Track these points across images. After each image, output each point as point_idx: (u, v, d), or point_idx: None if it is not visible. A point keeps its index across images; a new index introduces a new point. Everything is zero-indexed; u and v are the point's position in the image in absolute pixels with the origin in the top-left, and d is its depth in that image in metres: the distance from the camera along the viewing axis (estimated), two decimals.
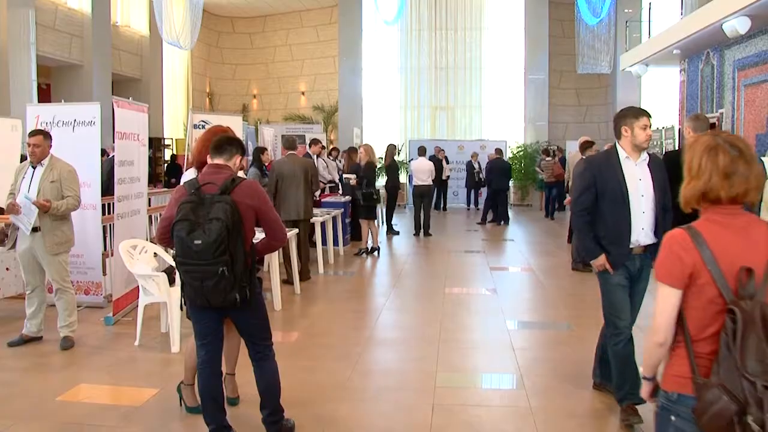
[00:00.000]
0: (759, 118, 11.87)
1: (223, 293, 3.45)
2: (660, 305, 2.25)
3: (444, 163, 18.92)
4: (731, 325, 2.08)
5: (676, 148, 13.99)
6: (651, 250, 4.19)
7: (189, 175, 4.43)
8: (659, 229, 4.13)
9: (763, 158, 7.23)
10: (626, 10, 19.23)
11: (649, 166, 4.23)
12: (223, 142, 3.75)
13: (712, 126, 12.39)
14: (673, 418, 2.24)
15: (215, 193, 3.49)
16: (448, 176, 19.44)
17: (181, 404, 4.38)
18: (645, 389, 2.40)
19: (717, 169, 2.20)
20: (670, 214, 4.17)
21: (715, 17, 11.52)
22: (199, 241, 3.36)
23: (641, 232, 4.19)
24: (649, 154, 4.27)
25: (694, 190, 2.24)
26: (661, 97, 18.99)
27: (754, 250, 2.19)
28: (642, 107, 4.25)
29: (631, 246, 4.20)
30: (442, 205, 19.39)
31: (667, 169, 4.25)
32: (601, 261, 4.25)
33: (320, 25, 23.59)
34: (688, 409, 2.16)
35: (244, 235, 3.51)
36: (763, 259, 2.17)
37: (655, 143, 15.97)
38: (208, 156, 3.86)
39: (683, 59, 15.40)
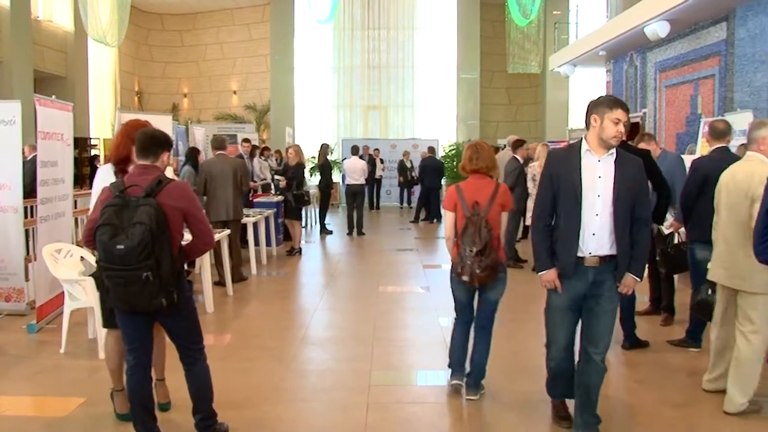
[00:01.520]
0: (679, 117, 12.33)
1: (148, 298, 3.37)
2: (446, 221, 4.63)
3: (378, 162, 19.00)
4: (465, 226, 4.37)
5: None
6: (612, 263, 3.66)
7: (104, 171, 4.31)
8: (622, 238, 3.61)
9: (682, 156, 7.52)
10: (555, 12, 19.70)
11: (615, 164, 3.62)
12: (148, 143, 3.64)
13: (635, 126, 12.82)
14: (453, 274, 4.53)
15: (140, 195, 3.40)
16: (381, 175, 19.53)
17: (115, 411, 4.27)
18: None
19: (467, 156, 4.60)
20: (646, 224, 3.70)
21: (637, 21, 11.92)
22: (122, 246, 3.28)
23: (591, 237, 3.59)
24: (617, 151, 3.67)
25: (465, 166, 4.61)
26: (589, 97, 19.49)
27: (483, 193, 4.48)
28: (618, 98, 3.73)
29: (579, 254, 3.61)
30: (375, 204, 19.45)
31: None
32: (550, 276, 3.70)
33: (252, 24, 23.33)
34: (452, 270, 4.51)
35: (171, 238, 3.44)
36: (487, 198, 4.44)
37: None
38: (127, 152, 3.76)
39: (609, 60, 15.87)
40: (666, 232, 6.33)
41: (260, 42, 23.12)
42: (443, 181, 18.62)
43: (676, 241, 6.20)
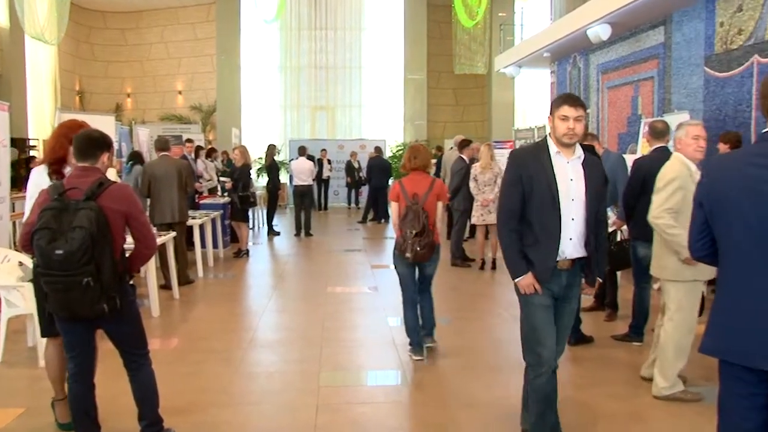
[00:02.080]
0: (620, 118, 12.63)
1: (89, 304, 3.28)
2: (393, 211, 5.46)
3: (326, 162, 18.96)
4: (406, 213, 5.28)
5: None
6: (580, 265, 3.63)
7: (38, 172, 4.19)
8: (590, 241, 3.57)
9: (624, 155, 7.70)
10: (500, 14, 19.95)
11: (583, 166, 3.57)
12: (86, 145, 3.52)
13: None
14: (396, 252, 5.41)
15: (80, 198, 3.30)
16: (329, 176, 19.49)
17: (56, 421, 4.15)
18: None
19: (408, 156, 5.55)
20: (606, 225, 3.66)
21: (580, 23, 12.15)
22: (61, 251, 3.17)
23: (569, 242, 3.52)
24: (583, 149, 3.66)
25: (406, 165, 5.56)
26: (534, 98, 19.85)
27: (421, 186, 5.36)
28: (574, 94, 3.61)
29: (557, 259, 3.55)
30: (323, 205, 19.41)
31: None
32: (528, 280, 3.52)
33: (197, 23, 22.96)
34: (395, 250, 5.40)
35: (113, 242, 3.35)
36: (424, 190, 5.33)
37: (528, 141, 16.65)
38: (63, 152, 3.66)
39: (553, 62, 16.14)
40: (609, 230, 6.48)
41: (206, 41, 22.79)
42: (390, 181, 18.69)
43: (618, 239, 6.35)
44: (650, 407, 4.50)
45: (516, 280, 3.56)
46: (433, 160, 18.19)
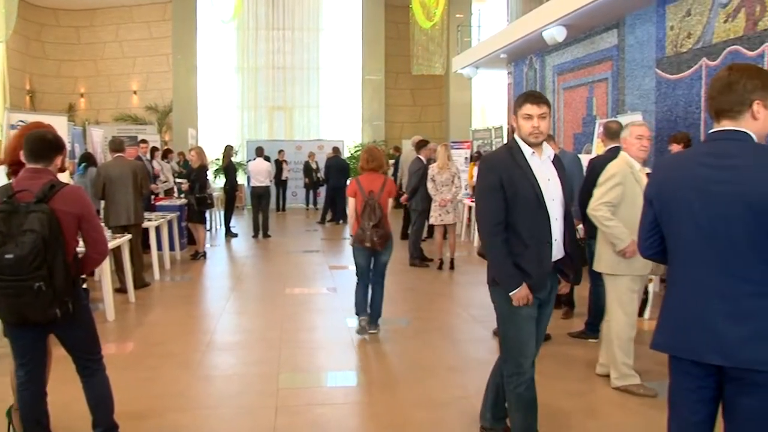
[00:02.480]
0: (576, 118, 12.83)
1: (41, 309, 3.21)
2: (350, 206, 6.21)
3: (284, 164, 18.84)
4: (364, 207, 5.95)
5: None
6: (556, 267, 3.52)
7: None
8: (568, 240, 3.53)
9: (579, 155, 7.82)
10: (458, 15, 20.09)
11: (555, 165, 3.52)
12: (39, 146, 3.43)
13: None
14: (356, 243, 6.10)
15: (31, 201, 3.22)
16: (287, 177, 19.38)
17: (8, 430, 4.04)
18: None
19: (364, 158, 6.33)
20: (572, 221, 3.61)
21: (535, 25, 12.33)
22: (11, 255, 3.10)
23: (555, 244, 3.43)
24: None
25: (364, 165, 6.26)
26: (492, 98, 20.05)
27: (376, 184, 6.07)
28: (537, 91, 3.57)
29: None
30: (281, 206, 19.31)
31: None
32: (525, 292, 3.34)
33: (153, 22, 22.61)
34: (354, 241, 6.10)
35: (65, 245, 3.27)
36: (378, 187, 6.02)
37: (485, 142, 16.81)
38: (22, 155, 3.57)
39: (510, 63, 16.33)
40: None
41: (162, 41, 22.45)
42: (348, 181, 18.66)
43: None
44: (606, 403, 4.58)
45: (511, 293, 3.35)
46: (391, 161, 18.36)
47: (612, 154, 5.46)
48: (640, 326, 5.35)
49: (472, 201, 12.42)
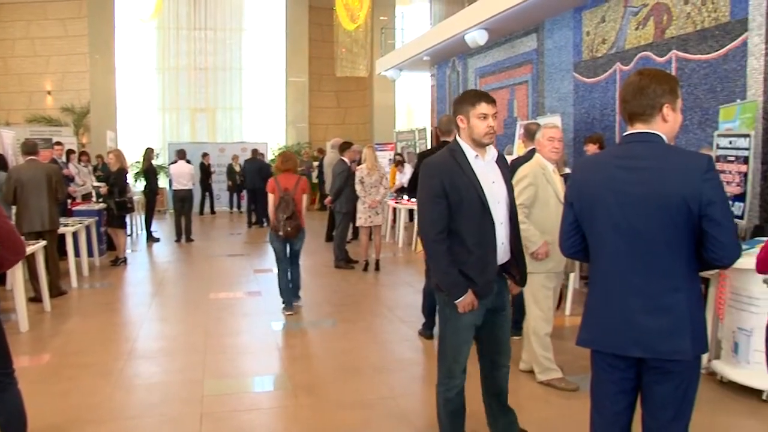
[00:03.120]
0: (498, 120, 13.07)
1: None
2: (270, 199, 7.00)
3: (210, 168, 18.54)
4: (280, 202, 6.95)
5: (429, 147, 14.95)
6: (502, 270, 3.43)
7: None
8: (513, 242, 3.42)
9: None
10: (381, 17, 20.23)
11: (499, 166, 3.40)
12: None
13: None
14: (272, 232, 7.08)
15: None
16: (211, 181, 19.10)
17: None
18: None
19: (280, 160, 7.40)
20: (518, 222, 3.47)
21: (458, 29, 12.52)
22: None
23: (501, 247, 3.33)
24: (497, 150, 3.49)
25: (279, 166, 7.33)
26: (415, 100, 20.26)
27: (291, 182, 7.03)
28: (480, 91, 3.40)
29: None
30: (210, 209, 19.02)
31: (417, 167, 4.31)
32: (470, 299, 3.26)
33: (68, 19, 21.69)
34: (271, 230, 7.16)
35: None
36: (293, 185, 6.99)
37: (409, 143, 16.96)
38: None
39: (433, 65, 16.53)
40: None
41: (78, 39, 21.59)
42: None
43: None
44: (530, 399, 4.68)
45: (457, 300, 3.26)
46: (315, 163, 18.31)
47: (530, 155, 5.60)
48: (560, 322, 5.51)
49: (396, 202, 12.56)
